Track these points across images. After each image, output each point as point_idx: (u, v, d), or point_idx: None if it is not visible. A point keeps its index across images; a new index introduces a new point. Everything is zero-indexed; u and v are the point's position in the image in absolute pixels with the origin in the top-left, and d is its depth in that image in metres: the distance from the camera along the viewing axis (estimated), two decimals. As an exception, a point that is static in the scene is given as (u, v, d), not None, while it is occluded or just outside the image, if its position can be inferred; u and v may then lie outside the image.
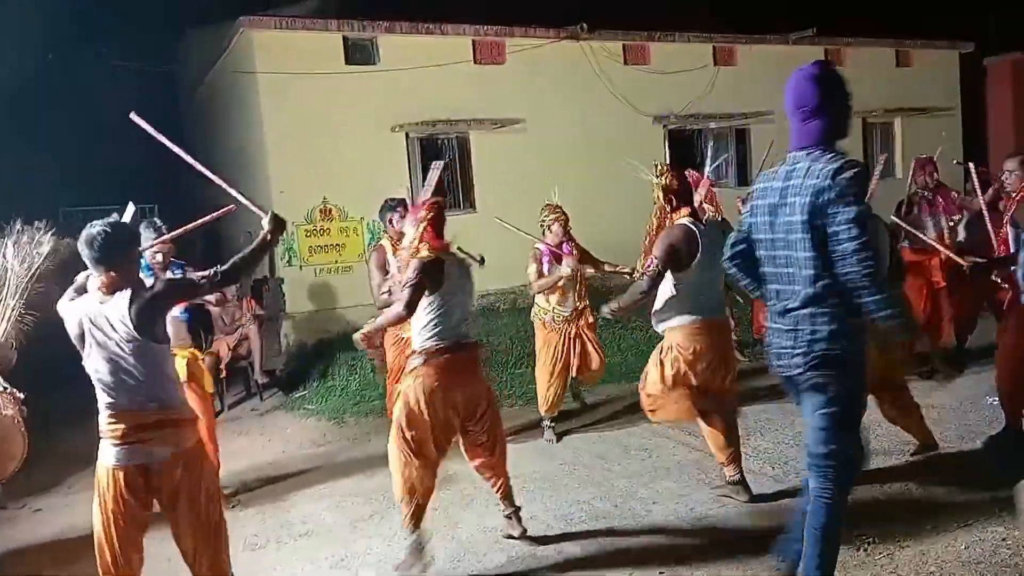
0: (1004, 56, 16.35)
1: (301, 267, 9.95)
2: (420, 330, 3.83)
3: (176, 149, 3.57)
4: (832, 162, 2.77)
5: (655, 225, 4.32)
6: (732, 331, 5.54)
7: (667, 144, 12.61)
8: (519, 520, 4.07)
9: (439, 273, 3.77)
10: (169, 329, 3.18)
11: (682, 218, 4.17)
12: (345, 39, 10.38)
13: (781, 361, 2.94)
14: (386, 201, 5.61)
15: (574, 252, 5.62)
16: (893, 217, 6.07)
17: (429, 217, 3.87)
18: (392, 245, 5.37)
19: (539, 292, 5.77)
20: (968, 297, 6.43)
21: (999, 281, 5.19)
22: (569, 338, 5.70)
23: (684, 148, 12.76)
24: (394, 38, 10.65)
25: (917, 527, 3.75)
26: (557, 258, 5.61)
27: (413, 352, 3.87)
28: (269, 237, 3.32)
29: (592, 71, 11.81)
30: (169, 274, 4.65)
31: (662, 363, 4.25)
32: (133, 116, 3.48)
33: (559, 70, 11.62)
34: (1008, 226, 4.85)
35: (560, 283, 5.60)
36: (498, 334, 8.95)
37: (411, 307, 3.71)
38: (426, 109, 10.68)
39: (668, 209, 4.23)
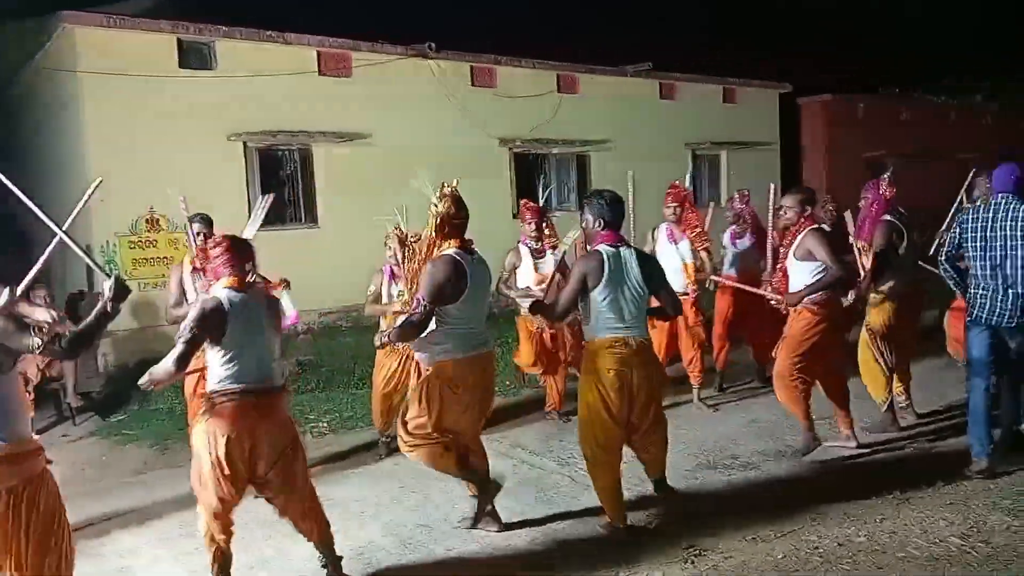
0: (816, 97, 17.93)
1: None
2: (213, 371, 3.51)
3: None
4: None
5: (423, 252, 4.14)
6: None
7: (512, 166, 12.84)
8: (338, 572, 3.78)
9: (221, 320, 3.43)
10: None
11: (449, 248, 3.97)
12: (179, 41, 9.84)
13: (1002, 317, 4.47)
14: (190, 217, 5.14)
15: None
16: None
17: (221, 254, 3.56)
18: (191, 263, 5.06)
19: (370, 315, 5.68)
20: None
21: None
22: (406, 360, 5.61)
23: (529, 171, 13.04)
24: (234, 43, 10.20)
25: (740, 537, 3.95)
26: (397, 278, 5.53)
27: (205, 395, 3.54)
28: (109, 308, 3.03)
29: (440, 90, 11.85)
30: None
31: (425, 398, 4.01)
32: None
33: (407, 87, 11.56)
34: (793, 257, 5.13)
35: (396, 308, 5.46)
36: (339, 353, 8.71)
37: (181, 364, 3.34)
38: (267, 119, 10.30)
39: (439, 236, 4.01)
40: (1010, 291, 4.46)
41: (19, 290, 3.58)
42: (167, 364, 3.34)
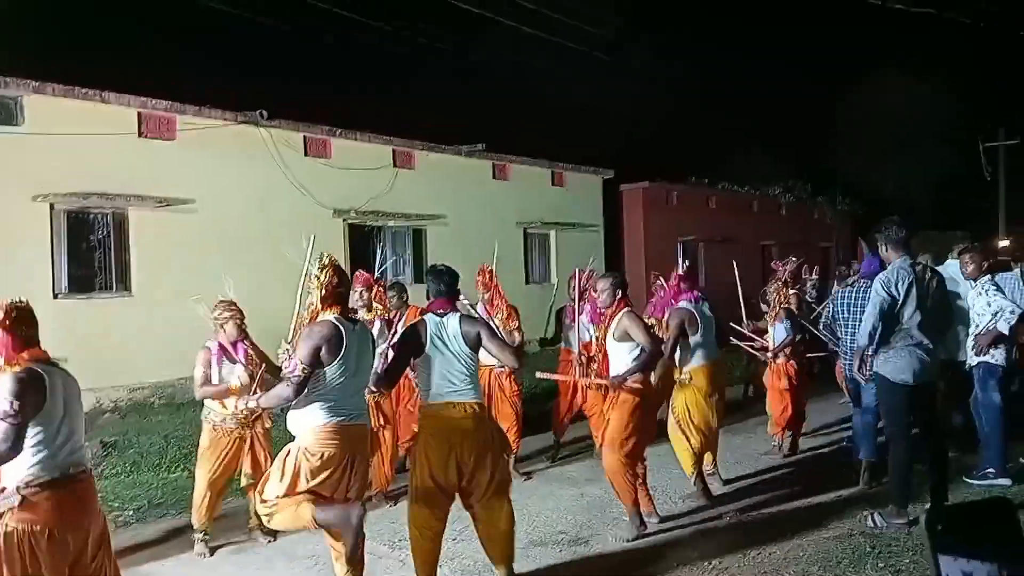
0: (636, 184, 19.17)
1: None
2: (18, 463, 3.11)
3: None
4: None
5: (306, 320, 4.11)
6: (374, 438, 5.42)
7: (347, 238, 12.68)
8: None
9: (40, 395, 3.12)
10: None
11: (329, 315, 3.95)
12: (-18, 94, 9.06)
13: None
14: None
15: (249, 353, 5.22)
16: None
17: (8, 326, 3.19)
18: None
19: (203, 399, 5.27)
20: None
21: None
22: (241, 443, 5.24)
23: (363, 243, 12.93)
24: (45, 99, 9.52)
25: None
26: (231, 358, 5.18)
27: (5, 490, 3.13)
28: None
29: (271, 158, 11.59)
30: None
31: (290, 469, 3.85)
32: None
33: (236, 153, 11.23)
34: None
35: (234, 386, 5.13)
36: (150, 433, 8.04)
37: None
38: (79, 180, 9.62)
39: (320, 306, 3.99)
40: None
41: None
42: None
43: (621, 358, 5.17)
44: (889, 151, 31.35)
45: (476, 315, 5.43)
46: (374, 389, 4.70)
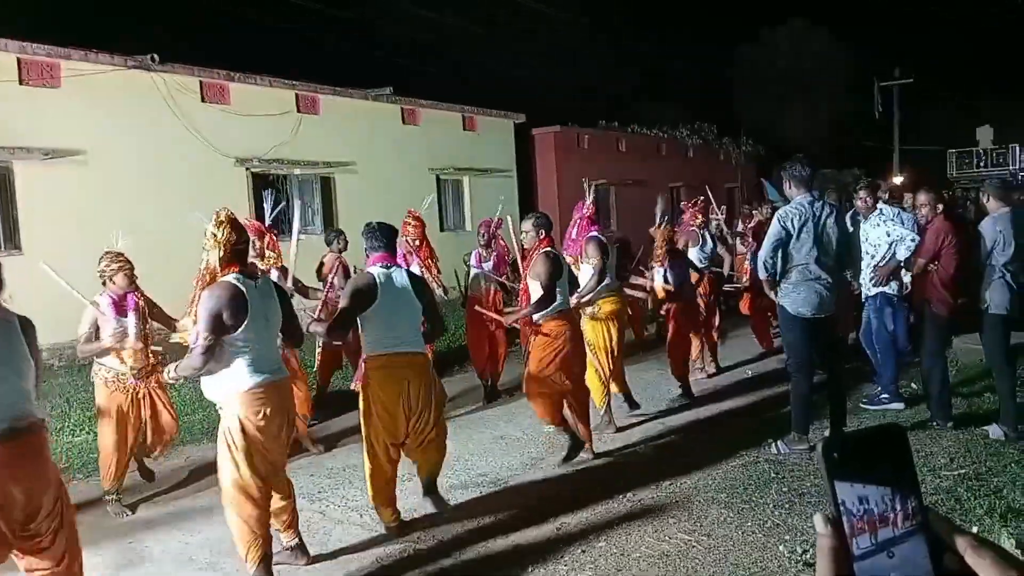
0: (547, 128, 19.14)
1: None
2: None
3: None
4: None
5: (205, 280, 3.85)
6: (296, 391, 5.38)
7: (251, 188, 12.25)
8: None
9: None
10: None
11: (229, 275, 3.73)
12: None
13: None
14: None
15: (140, 305, 5.01)
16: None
17: None
18: None
19: (85, 356, 5.06)
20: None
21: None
22: (137, 399, 5.06)
23: (267, 191, 12.52)
24: (-93, 42, 8.75)
25: (488, 553, 4.04)
26: (121, 311, 4.95)
27: None
28: None
29: (165, 105, 11.02)
30: None
31: (231, 446, 3.70)
32: None
33: (127, 100, 10.62)
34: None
35: (122, 346, 4.91)
36: (52, 396, 7.70)
37: None
38: (-47, 131, 8.93)
39: (219, 266, 3.75)
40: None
41: None
42: None
43: (536, 296, 5.26)
44: (790, 94, 32.34)
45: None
46: (328, 341, 4.71)
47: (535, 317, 5.28)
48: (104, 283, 4.96)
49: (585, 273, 5.95)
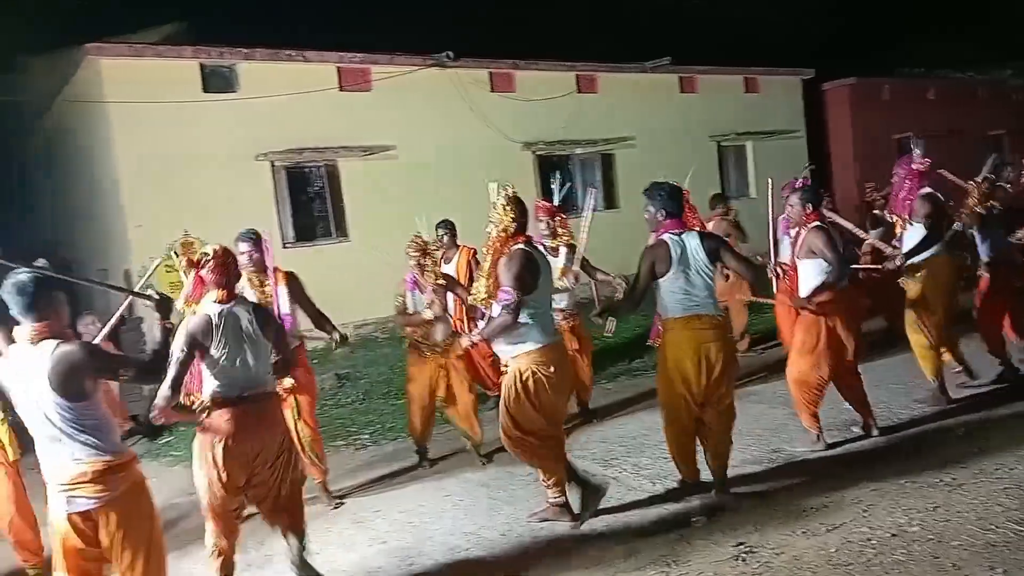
0: (841, 81, 17.68)
1: (162, 305, 9.40)
2: (205, 382, 3.67)
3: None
4: None
5: (496, 251, 4.22)
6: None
7: (537, 169, 12.84)
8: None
9: (205, 334, 3.57)
10: None
11: (518, 244, 4.15)
12: (202, 66, 10.02)
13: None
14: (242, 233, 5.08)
15: (429, 282, 5.48)
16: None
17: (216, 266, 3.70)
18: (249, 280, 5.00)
19: (401, 327, 5.72)
20: None
21: None
22: (437, 368, 5.60)
23: (553, 172, 13.00)
24: (254, 65, 10.36)
25: (789, 532, 3.90)
26: (420, 287, 5.53)
27: (201, 405, 3.64)
28: (162, 322, 3.22)
29: (460, 98, 11.90)
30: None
31: (520, 392, 4.11)
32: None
33: (427, 97, 11.64)
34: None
35: (428, 317, 5.47)
36: (378, 364, 8.78)
37: (176, 387, 3.47)
38: (291, 137, 10.43)
39: (508, 235, 4.18)
40: None
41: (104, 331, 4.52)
42: (163, 391, 3.45)
43: (806, 276, 5.01)
44: None
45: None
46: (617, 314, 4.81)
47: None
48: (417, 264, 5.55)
49: (914, 234, 5.49)
